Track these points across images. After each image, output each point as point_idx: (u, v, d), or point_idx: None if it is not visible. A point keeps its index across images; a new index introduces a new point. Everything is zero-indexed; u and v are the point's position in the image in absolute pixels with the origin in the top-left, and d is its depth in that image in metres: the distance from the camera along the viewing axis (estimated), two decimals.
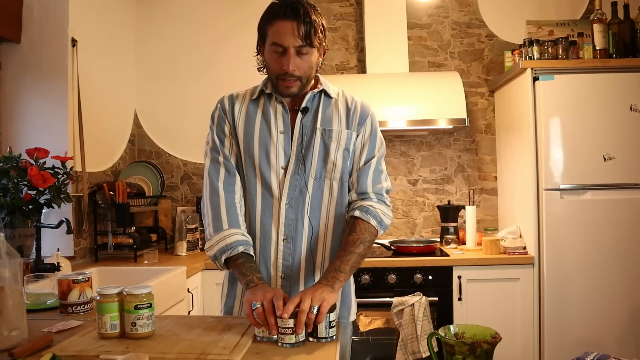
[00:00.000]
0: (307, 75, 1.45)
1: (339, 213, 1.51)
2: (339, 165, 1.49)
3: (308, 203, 1.47)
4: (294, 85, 1.43)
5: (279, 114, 1.49)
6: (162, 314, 1.98)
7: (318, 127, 1.48)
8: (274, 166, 1.46)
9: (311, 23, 1.37)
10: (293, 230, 1.46)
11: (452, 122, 2.92)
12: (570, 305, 2.71)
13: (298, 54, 1.39)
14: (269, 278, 1.47)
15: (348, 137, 1.50)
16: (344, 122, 1.51)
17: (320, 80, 1.55)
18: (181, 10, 3.48)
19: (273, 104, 1.50)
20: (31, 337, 1.26)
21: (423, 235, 3.42)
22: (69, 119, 2.61)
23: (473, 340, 1.11)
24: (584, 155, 2.72)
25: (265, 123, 1.48)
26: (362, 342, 2.86)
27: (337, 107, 1.52)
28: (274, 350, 1.19)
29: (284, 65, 1.39)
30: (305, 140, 1.47)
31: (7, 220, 2.17)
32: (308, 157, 1.46)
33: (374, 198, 1.50)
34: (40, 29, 2.60)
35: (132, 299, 1.25)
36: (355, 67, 3.47)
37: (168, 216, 3.31)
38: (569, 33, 3.05)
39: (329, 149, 1.47)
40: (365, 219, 1.45)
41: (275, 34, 1.38)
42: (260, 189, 1.47)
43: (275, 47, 1.39)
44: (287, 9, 1.36)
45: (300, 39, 1.37)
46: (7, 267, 1.23)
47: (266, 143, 1.47)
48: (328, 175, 1.48)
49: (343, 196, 1.51)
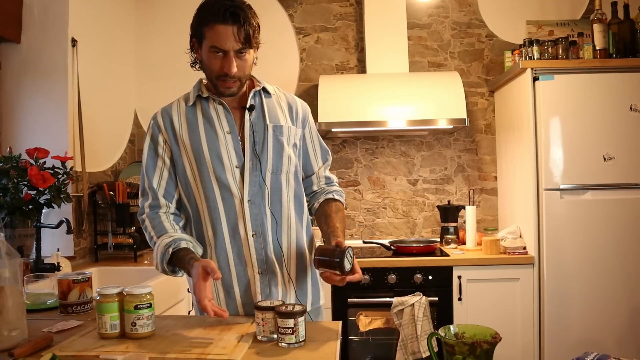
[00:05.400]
0: (246, 75, 1.49)
1: (297, 204, 1.58)
2: (293, 158, 1.56)
3: (268, 197, 1.50)
4: (234, 86, 1.47)
5: (222, 115, 1.52)
6: (162, 314, 1.98)
7: (268, 123, 1.52)
8: (227, 167, 1.48)
9: (251, 26, 1.41)
10: (260, 225, 1.49)
11: (452, 122, 2.92)
12: (570, 305, 2.71)
13: (237, 56, 1.42)
14: (247, 277, 1.50)
15: (295, 132, 1.58)
16: (288, 118, 1.57)
17: (255, 78, 1.58)
18: (181, 10, 3.48)
19: (213, 105, 1.53)
20: (31, 337, 1.26)
21: (423, 235, 3.42)
22: (69, 119, 2.61)
23: (473, 340, 1.11)
24: (584, 155, 2.72)
25: (209, 126, 1.51)
26: (362, 342, 2.86)
27: (280, 104, 1.58)
28: (274, 350, 1.19)
29: (224, 67, 1.42)
30: (257, 137, 1.50)
31: (7, 220, 2.17)
32: (263, 153, 1.50)
33: (336, 184, 1.69)
34: (40, 29, 2.60)
35: (132, 299, 1.25)
36: (355, 67, 3.47)
37: None
38: (569, 33, 3.05)
39: (283, 144, 1.53)
40: (342, 202, 1.66)
41: (214, 38, 1.40)
42: (219, 191, 1.48)
43: (214, 49, 1.41)
44: (227, 14, 1.38)
45: (241, 43, 1.40)
46: (7, 267, 1.23)
47: (215, 146, 1.49)
48: (284, 169, 1.54)
49: (299, 187, 1.59)
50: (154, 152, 1.54)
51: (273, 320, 1.23)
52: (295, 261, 1.56)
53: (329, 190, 1.64)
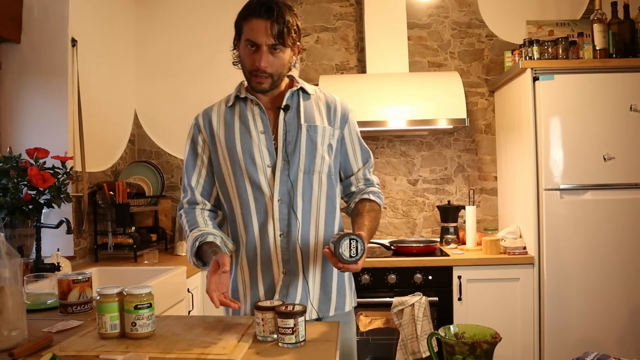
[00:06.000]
0: (278, 73, 1.49)
1: (329, 205, 1.56)
2: (326, 159, 1.54)
3: (299, 197, 1.50)
4: (265, 82, 1.48)
5: (257, 115, 1.53)
6: (162, 314, 1.98)
7: (302, 123, 1.52)
8: (260, 166, 1.50)
9: (285, 23, 1.43)
10: (287, 225, 1.50)
11: (452, 122, 2.92)
12: (570, 305, 2.71)
13: (271, 52, 1.44)
14: (272, 276, 1.51)
15: (331, 133, 1.56)
16: (325, 119, 1.56)
17: (296, 79, 1.60)
18: (181, 11, 3.48)
19: (249, 106, 1.55)
20: (31, 337, 1.26)
21: (423, 235, 3.42)
22: (69, 119, 2.61)
23: (473, 340, 1.11)
24: (584, 155, 2.72)
25: (244, 126, 1.53)
26: (362, 342, 2.86)
27: (318, 104, 1.58)
28: (274, 350, 1.19)
29: (256, 61, 1.44)
30: (290, 136, 1.51)
31: (7, 220, 2.17)
32: (295, 153, 1.50)
33: (376, 186, 1.65)
34: (40, 29, 2.60)
35: (132, 299, 1.25)
36: (355, 67, 3.47)
37: (168, 216, 3.31)
38: (569, 33, 3.05)
39: (317, 144, 1.52)
40: (379, 203, 1.61)
41: (249, 31, 1.44)
42: (251, 190, 1.51)
43: (248, 43, 1.45)
44: (262, 8, 1.42)
45: (273, 38, 1.42)
46: (7, 267, 1.23)
47: (248, 145, 1.51)
48: (317, 170, 1.53)
49: (332, 189, 1.57)
50: (194, 151, 1.60)
51: (273, 320, 1.23)
52: (321, 264, 1.54)
53: (365, 191, 1.61)
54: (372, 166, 1.67)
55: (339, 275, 1.57)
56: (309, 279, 1.51)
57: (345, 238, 1.32)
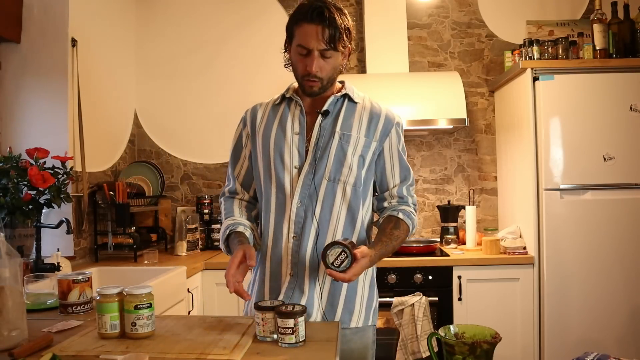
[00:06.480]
0: (329, 77, 1.50)
1: (349, 217, 1.52)
2: (354, 169, 1.51)
3: (319, 204, 1.50)
4: (316, 86, 1.49)
5: (296, 117, 1.55)
6: (162, 314, 1.98)
7: (337, 130, 1.51)
8: (287, 166, 1.51)
9: (336, 27, 1.44)
10: (301, 229, 1.49)
11: (452, 122, 2.92)
12: (570, 305, 2.71)
13: (322, 57, 1.45)
14: (280, 276, 1.51)
15: (365, 144, 1.52)
16: (364, 130, 1.54)
17: (345, 84, 1.59)
18: (181, 11, 3.48)
19: (292, 107, 1.57)
20: (31, 337, 1.26)
21: (423, 235, 3.42)
22: (69, 119, 2.61)
23: (473, 340, 1.11)
24: (584, 155, 2.72)
25: (281, 125, 1.55)
26: None
27: (361, 114, 1.56)
28: (274, 350, 1.19)
29: (307, 66, 1.45)
30: (322, 142, 1.51)
31: (7, 220, 2.17)
32: (323, 158, 1.50)
33: (411, 205, 1.59)
34: (40, 29, 2.60)
35: (132, 299, 1.25)
36: (355, 67, 3.47)
37: (168, 216, 3.31)
38: (569, 33, 3.05)
39: (347, 153, 1.50)
40: (407, 223, 1.54)
41: (300, 36, 1.45)
42: (274, 188, 1.52)
43: (300, 48, 1.46)
44: (314, 13, 1.43)
45: (325, 43, 1.43)
46: (7, 267, 1.23)
47: (281, 144, 1.52)
48: (342, 179, 1.51)
49: (356, 200, 1.53)
50: (239, 143, 1.64)
51: (273, 320, 1.23)
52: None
53: (396, 208, 1.56)
54: (413, 185, 1.61)
55: (348, 289, 1.52)
56: (316, 286, 1.49)
57: (338, 246, 1.32)
